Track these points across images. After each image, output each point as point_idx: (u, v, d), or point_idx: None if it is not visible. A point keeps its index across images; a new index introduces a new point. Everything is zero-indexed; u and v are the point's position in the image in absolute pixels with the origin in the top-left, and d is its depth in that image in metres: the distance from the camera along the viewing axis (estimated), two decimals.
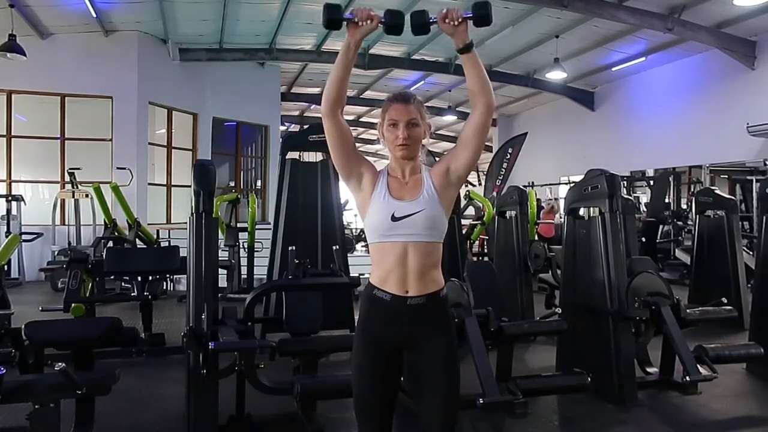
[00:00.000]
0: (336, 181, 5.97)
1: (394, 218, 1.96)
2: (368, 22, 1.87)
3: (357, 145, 2.15)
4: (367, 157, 2.11)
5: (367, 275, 2.07)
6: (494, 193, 13.51)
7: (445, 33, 1.91)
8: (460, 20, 1.88)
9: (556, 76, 12.28)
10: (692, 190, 11.82)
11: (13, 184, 10.72)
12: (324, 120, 2.00)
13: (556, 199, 14.12)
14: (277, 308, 5.23)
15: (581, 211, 4.63)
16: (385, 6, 2.09)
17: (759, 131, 9.98)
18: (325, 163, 6.00)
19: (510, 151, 15.83)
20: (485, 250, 10.55)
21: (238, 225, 9.00)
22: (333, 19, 1.88)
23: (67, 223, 10.50)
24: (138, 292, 5.88)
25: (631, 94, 13.72)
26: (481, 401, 3.34)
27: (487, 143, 20.96)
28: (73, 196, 9.98)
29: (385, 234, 1.98)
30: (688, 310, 4.27)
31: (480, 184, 17.10)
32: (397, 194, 2.01)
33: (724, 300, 4.63)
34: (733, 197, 7.82)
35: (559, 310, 4.42)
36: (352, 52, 1.92)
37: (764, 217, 4.79)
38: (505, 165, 15.79)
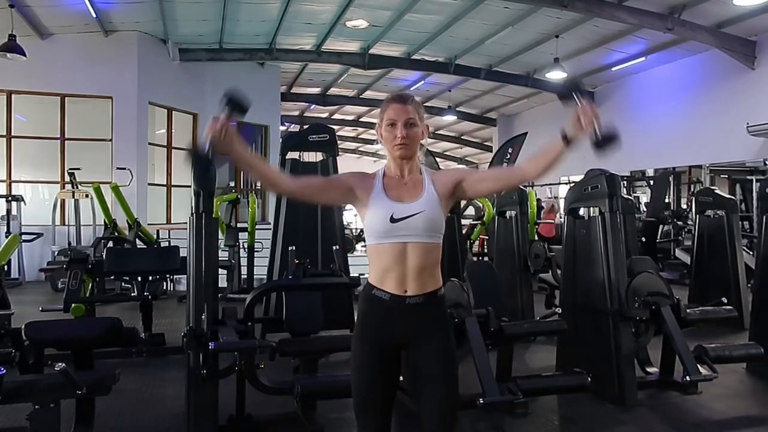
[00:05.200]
0: None
1: (393, 219, 1.96)
2: (223, 129, 1.83)
3: (357, 145, 2.19)
4: (354, 170, 2.14)
5: (367, 275, 2.08)
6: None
7: (571, 117, 1.89)
8: (590, 128, 1.85)
9: (556, 75, 12.25)
10: (692, 190, 11.81)
11: (13, 184, 10.71)
12: (289, 196, 2.08)
13: (555, 197, 14.11)
14: (277, 308, 5.22)
15: (581, 211, 4.64)
16: (384, 6, 2.09)
17: (759, 131, 9.97)
18: (325, 163, 5.99)
19: (510, 151, 15.81)
20: (485, 250, 10.54)
21: (238, 225, 9.00)
22: (202, 160, 1.84)
23: (67, 223, 10.49)
24: (138, 292, 5.89)
25: (630, 94, 13.71)
26: (481, 401, 3.34)
27: (487, 143, 21.04)
28: (73, 197, 9.98)
29: (383, 235, 1.98)
30: (688, 310, 4.27)
31: None
32: (396, 195, 2.01)
33: (724, 300, 4.62)
34: (733, 197, 7.82)
35: (559, 310, 4.43)
36: (246, 162, 1.97)
37: (764, 217, 4.80)
38: (505, 165, 15.76)
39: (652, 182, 12.27)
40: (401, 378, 2.09)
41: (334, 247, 4.92)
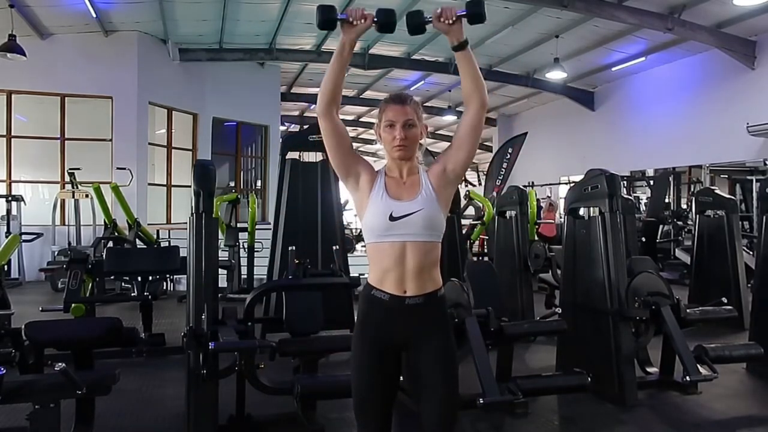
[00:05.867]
0: (336, 181, 5.97)
1: (392, 218, 1.97)
2: (362, 21, 1.91)
3: (357, 145, 2.17)
4: (365, 158, 2.12)
5: (367, 275, 2.08)
6: (494, 193, 13.51)
7: (440, 32, 1.94)
8: (454, 19, 1.91)
9: (556, 76, 12.28)
10: (692, 190, 11.81)
11: (13, 184, 10.72)
12: (320, 120, 2.02)
13: (548, 196, 14.12)
14: (277, 308, 5.22)
15: (581, 211, 4.63)
16: (385, 5, 2.10)
17: (759, 131, 9.98)
18: (325, 163, 5.99)
19: (510, 151, 15.82)
20: (485, 250, 10.55)
21: (238, 225, 9.00)
22: (327, 19, 1.92)
23: (67, 223, 10.49)
24: (138, 292, 5.89)
25: (631, 94, 13.71)
26: (481, 401, 3.34)
27: (487, 143, 21.04)
28: (73, 196, 9.98)
29: (383, 234, 1.98)
30: (688, 310, 4.27)
31: (480, 184, 17.11)
32: (395, 194, 2.02)
33: (724, 300, 4.62)
34: (733, 197, 7.81)
35: (559, 310, 4.42)
36: (347, 52, 1.96)
37: (764, 217, 4.79)
38: (505, 165, 15.79)
39: (652, 182, 12.27)
40: (401, 378, 2.09)
41: (334, 247, 4.92)
